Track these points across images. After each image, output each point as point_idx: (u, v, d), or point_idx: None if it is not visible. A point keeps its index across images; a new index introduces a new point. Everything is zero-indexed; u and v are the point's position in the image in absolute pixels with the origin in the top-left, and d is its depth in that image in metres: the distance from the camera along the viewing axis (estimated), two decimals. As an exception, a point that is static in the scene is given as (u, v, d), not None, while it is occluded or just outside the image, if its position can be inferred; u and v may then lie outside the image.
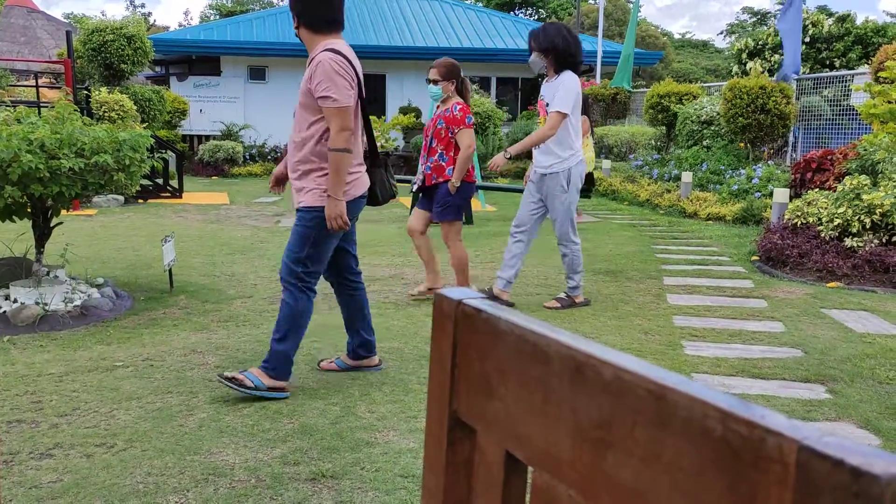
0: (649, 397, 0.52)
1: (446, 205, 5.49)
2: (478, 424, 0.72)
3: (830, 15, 20.06)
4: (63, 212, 5.66)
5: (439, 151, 5.44)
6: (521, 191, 11.57)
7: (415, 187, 5.70)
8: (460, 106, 5.43)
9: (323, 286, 6.03)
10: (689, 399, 0.49)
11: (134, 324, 5.01)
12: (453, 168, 5.44)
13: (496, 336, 0.69)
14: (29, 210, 5.30)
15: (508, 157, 5.27)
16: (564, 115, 5.21)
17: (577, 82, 5.29)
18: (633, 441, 0.53)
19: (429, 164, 5.51)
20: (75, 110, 5.52)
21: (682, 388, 0.50)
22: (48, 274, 5.40)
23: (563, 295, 5.66)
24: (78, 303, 5.12)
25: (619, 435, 0.55)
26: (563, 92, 5.20)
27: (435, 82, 5.45)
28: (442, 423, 0.76)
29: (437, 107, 5.62)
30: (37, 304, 4.97)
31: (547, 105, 5.32)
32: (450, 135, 5.43)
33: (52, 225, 5.51)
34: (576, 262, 5.53)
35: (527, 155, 17.46)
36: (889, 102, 7.55)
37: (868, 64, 11.69)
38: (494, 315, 0.70)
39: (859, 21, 17.96)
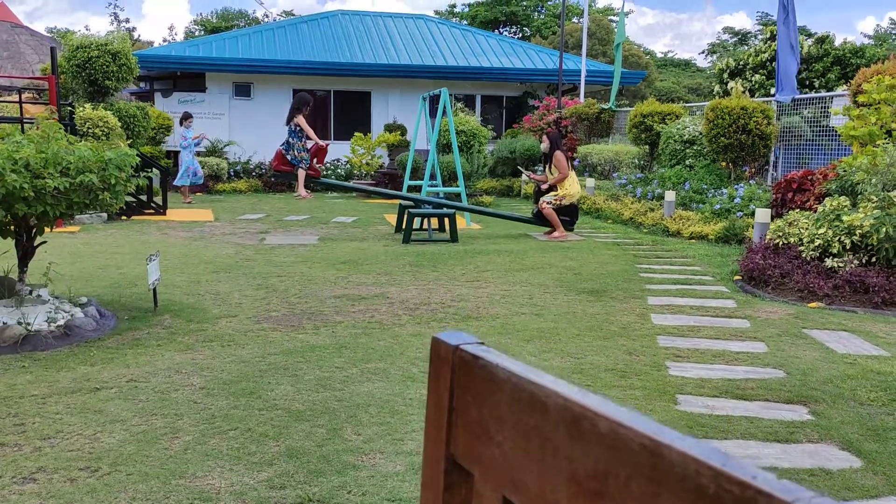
0: (644, 452, 0.54)
1: None
2: (475, 468, 0.74)
3: (810, 35, 20.39)
4: (46, 230, 5.63)
5: None
6: (500, 216, 11.65)
7: None
8: None
9: (321, 303, 6.03)
10: (683, 456, 0.51)
11: (118, 344, 4.98)
12: None
13: (493, 383, 0.71)
14: (12, 228, 5.27)
15: None
16: None
17: None
18: (628, 494, 0.55)
19: None
20: (60, 129, 5.51)
21: (677, 445, 0.52)
22: (31, 293, 5.36)
23: None
24: (61, 322, 5.09)
25: (614, 487, 0.56)
26: None
27: None
28: (438, 465, 0.78)
29: None
30: (19, 323, 4.93)
31: None
32: None
33: (35, 244, 5.48)
34: None
35: (512, 172, 17.56)
36: (868, 125, 7.67)
37: (847, 85, 11.88)
38: (492, 362, 0.72)
39: (838, 42, 18.22)
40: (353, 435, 3.52)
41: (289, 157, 11.40)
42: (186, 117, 15.05)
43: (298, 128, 11.48)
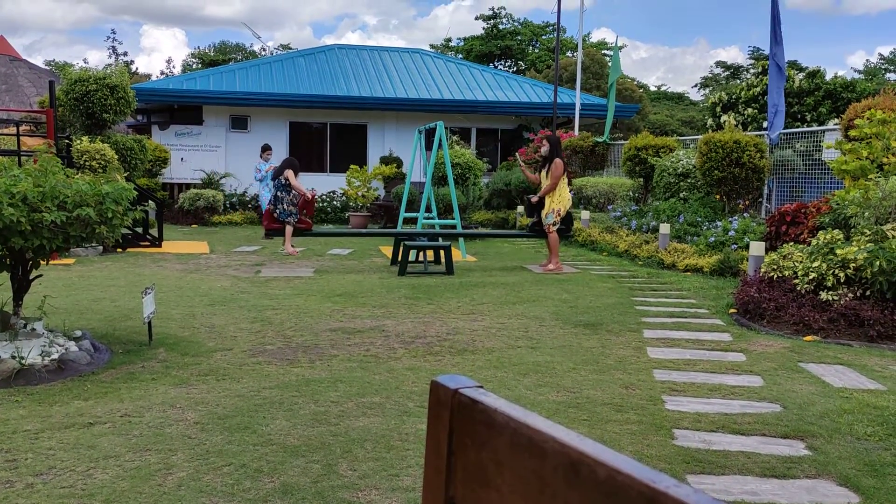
0: (641, 499, 0.55)
1: None
2: (473, 513, 0.74)
3: (801, 70, 20.62)
4: (41, 263, 5.63)
5: None
6: (503, 235, 11.69)
7: None
8: None
9: (316, 336, 6.01)
10: (680, 504, 0.52)
11: (112, 378, 4.95)
12: None
13: (492, 427, 0.72)
14: (8, 262, 5.26)
15: None
16: None
17: None
18: (626, 541, 0.56)
19: None
20: (58, 163, 5.53)
21: (673, 493, 0.53)
22: (25, 326, 5.34)
23: None
24: (55, 356, 5.06)
25: (613, 534, 0.57)
26: None
27: None
28: (437, 509, 0.78)
29: None
30: (13, 357, 4.90)
31: None
32: None
33: (31, 277, 5.47)
34: None
35: (508, 204, 17.64)
36: (859, 159, 7.75)
37: (839, 119, 12.02)
38: (490, 406, 0.72)
39: (829, 76, 18.45)
40: (349, 471, 3.50)
41: (276, 214, 11.35)
42: (265, 149, 14.79)
43: (287, 181, 11.53)
